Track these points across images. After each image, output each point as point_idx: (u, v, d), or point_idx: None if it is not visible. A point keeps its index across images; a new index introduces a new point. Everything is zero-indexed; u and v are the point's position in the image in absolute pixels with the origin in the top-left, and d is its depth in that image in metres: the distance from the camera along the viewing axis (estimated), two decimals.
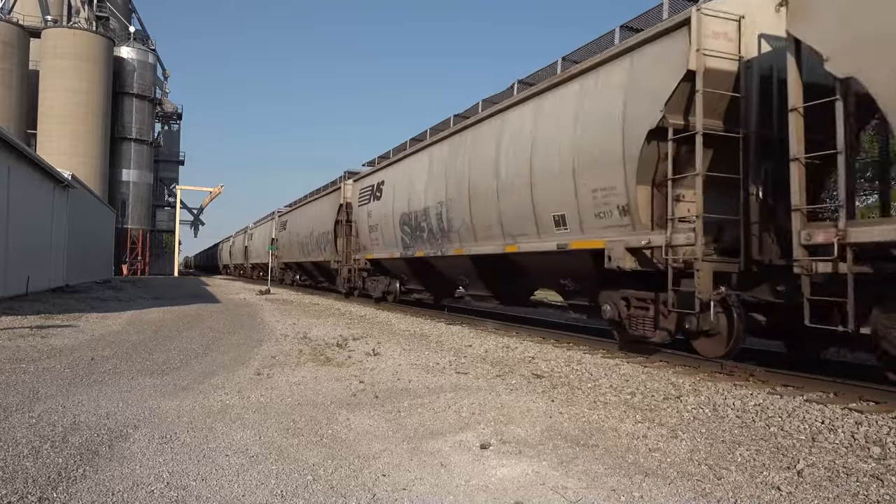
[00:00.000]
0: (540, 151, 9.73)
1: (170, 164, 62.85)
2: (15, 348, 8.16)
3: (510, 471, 3.76)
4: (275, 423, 4.76)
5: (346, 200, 20.30)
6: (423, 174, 14.07)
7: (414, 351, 8.78)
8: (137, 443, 4.18)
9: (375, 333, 10.98)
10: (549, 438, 4.47)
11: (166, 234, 61.78)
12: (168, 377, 6.58)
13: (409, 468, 3.80)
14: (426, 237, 13.93)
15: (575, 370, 7.33)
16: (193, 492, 3.35)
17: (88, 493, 3.31)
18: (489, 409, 5.30)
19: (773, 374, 6.90)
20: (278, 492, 3.38)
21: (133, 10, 60.33)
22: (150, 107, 55.93)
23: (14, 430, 4.35)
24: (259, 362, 7.61)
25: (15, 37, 46.42)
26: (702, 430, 4.73)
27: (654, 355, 8.45)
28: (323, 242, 23.08)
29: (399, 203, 15.46)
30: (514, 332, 11.30)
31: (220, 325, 12.01)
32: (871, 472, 3.77)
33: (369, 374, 6.89)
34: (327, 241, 22.33)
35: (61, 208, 21.69)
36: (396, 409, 5.31)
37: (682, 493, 3.42)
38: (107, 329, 10.93)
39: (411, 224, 14.65)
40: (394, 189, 15.95)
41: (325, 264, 23.38)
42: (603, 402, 5.71)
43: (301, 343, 9.53)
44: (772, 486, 3.53)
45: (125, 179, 53.41)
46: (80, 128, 47.07)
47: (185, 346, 9.01)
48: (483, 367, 7.50)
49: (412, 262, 15.41)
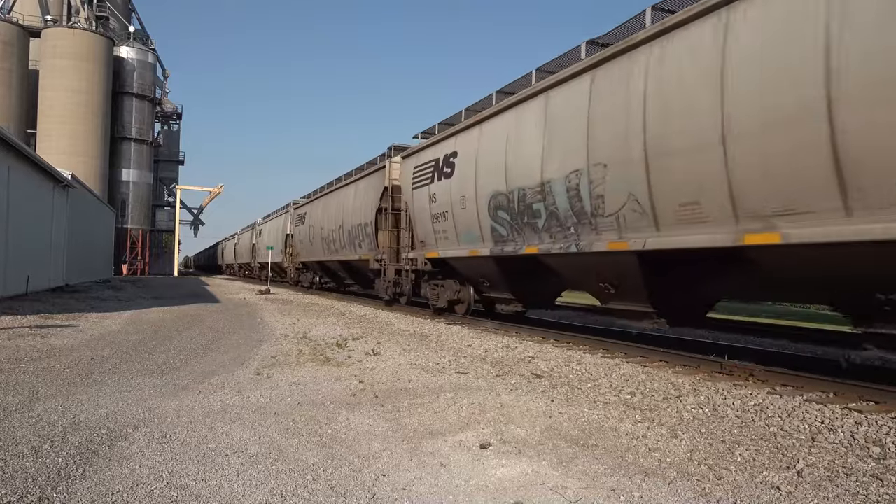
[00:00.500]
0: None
1: (170, 163, 62.82)
2: (15, 348, 8.16)
3: (510, 471, 3.76)
4: (274, 423, 4.76)
5: (392, 183, 16.17)
6: (536, 132, 9.68)
7: (414, 351, 8.78)
8: (137, 442, 4.18)
9: (375, 333, 10.98)
10: (549, 438, 4.47)
11: (166, 234, 61.77)
12: (168, 377, 6.58)
13: (408, 468, 3.80)
14: (544, 225, 9.64)
15: (575, 370, 7.33)
16: (193, 491, 3.35)
17: (88, 492, 3.31)
18: (489, 408, 5.30)
19: (772, 374, 6.91)
20: (278, 492, 3.38)
21: (133, 9, 60.34)
22: (149, 107, 55.92)
23: (14, 430, 4.35)
24: (259, 362, 7.61)
25: (15, 36, 46.40)
26: (701, 430, 4.73)
27: (654, 355, 8.45)
28: (357, 237, 19.10)
29: (487, 179, 11.11)
30: (514, 332, 11.30)
31: (220, 325, 12.01)
32: (870, 471, 3.77)
33: (369, 374, 6.89)
34: (364, 236, 18.31)
35: (61, 208, 21.68)
36: (396, 408, 5.31)
37: (682, 493, 3.42)
38: (106, 329, 10.93)
39: (512, 207, 10.38)
40: (475, 161, 11.58)
41: (360, 264, 19.43)
42: (603, 401, 5.71)
43: (301, 343, 9.53)
44: (771, 486, 3.53)
45: (125, 179, 53.41)
46: (80, 127, 47.07)
47: (185, 345, 9.01)
48: (483, 366, 7.50)
49: (508, 263, 11.19)
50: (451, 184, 12.48)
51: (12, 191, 15.92)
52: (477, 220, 11.58)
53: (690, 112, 6.84)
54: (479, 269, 12.44)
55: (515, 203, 10.27)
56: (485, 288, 13.00)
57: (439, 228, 13.16)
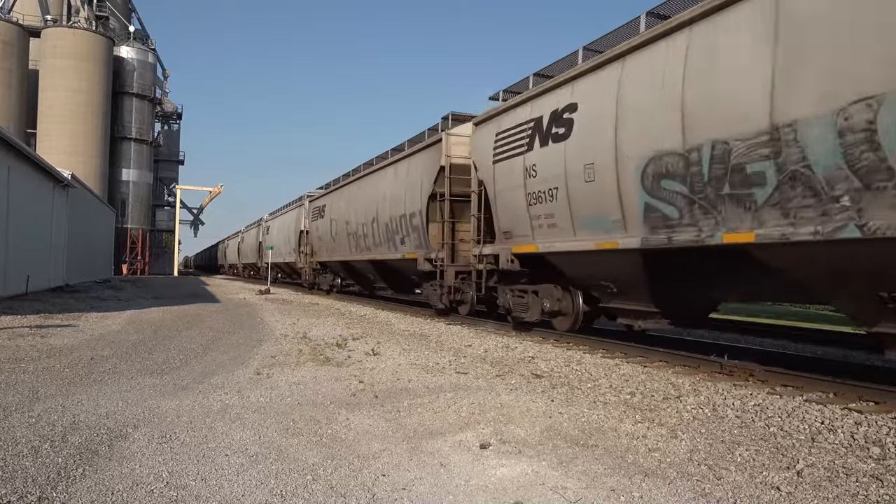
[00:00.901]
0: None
1: (170, 163, 62.84)
2: (15, 348, 8.16)
3: (510, 471, 3.76)
4: (274, 423, 4.76)
5: (452, 161, 13.06)
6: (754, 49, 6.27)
7: (413, 351, 8.78)
8: (137, 442, 4.18)
9: (375, 333, 10.98)
10: (549, 438, 4.47)
11: (166, 234, 61.79)
12: (167, 377, 6.58)
13: (408, 468, 3.80)
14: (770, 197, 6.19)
15: (574, 370, 7.33)
16: (193, 491, 3.35)
17: (88, 492, 3.31)
18: (489, 408, 5.29)
19: (772, 374, 6.91)
20: (278, 491, 3.38)
21: (133, 9, 60.36)
22: (149, 106, 55.93)
23: (14, 430, 4.35)
24: (259, 362, 7.61)
25: (15, 36, 46.41)
26: (701, 431, 4.73)
27: (654, 355, 8.45)
28: (399, 231, 15.74)
29: (639, 135, 7.72)
30: (514, 332, 11.30)
31: (220, 325, 12.01)
32: (870, 472, 3.77)
33: (369, 374, 6.89)
34: (410, 230, 15.03)
35: (61, 208, 21.69)
36: (396, 408, 5.31)
37: (682, 494, 3.42)
38: (106, 329, 10.93)
39: (695, 173, 6.96)
40: (613, 111, 8.10)
41: (401, 264, 16.28)
42: (602, 402, 5.71)
43: (301, 343, 9.53)
44: (771, 487, 3.53)
45: (125, 179, 53.42)
46: (80, 127, 47.08)
47: (185, 345, 9.01)
48: (483, 366, 7.50)
49: (666, 259, 7.81)
50: (566, 148, 9.02)
51: (12, 191, 15.92)
52: (616, 197, 8.09)
53: None
54: (604, 268, 8.86)
55: (704, 166, 6.86)
56: (608, 295, 9.30)
57: (540, 213, 9.79)
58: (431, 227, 13.85)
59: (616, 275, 8.83)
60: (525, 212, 10.24)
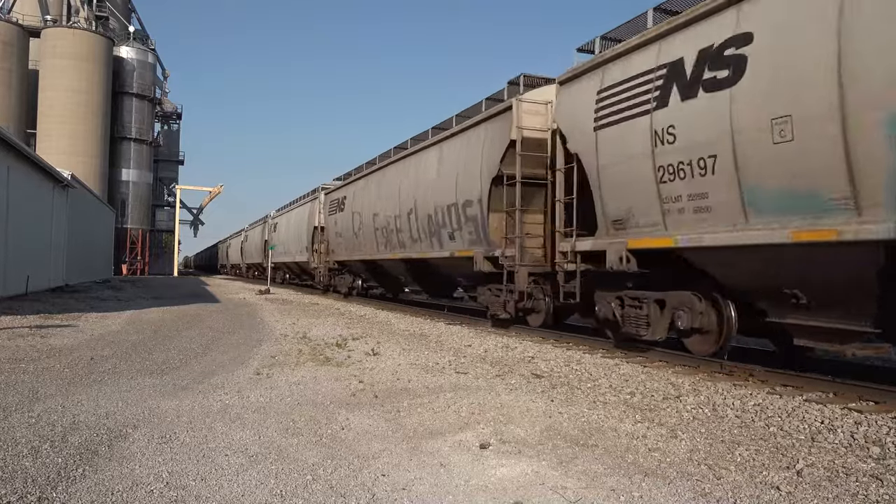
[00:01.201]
0: None
1: (169, 163, 62.82)
2: (14, 348, 8.15)
3: (510, 471, 3.76)
4: (274, 423, 4.76)
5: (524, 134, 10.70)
6: None
7: (413, 351, 8.78)
8: (137, 442, 4.18)
9: (375, 333, 10.98)
10: (549, 438, 4.47)
11: (166, 234, 61.78)
12: (167, 377, 6.58)
13: (408, 468, 3.80)
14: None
15: (574, 370, 7.33)
16: (193, 491, 3.35)
17: (88, 492, 3.31)
18: (489, 408, 5.29)
19: (772, 374, 6.91)
20: (278, 491, 3.38)
21: (133, 9, 60.34)
22: (149, 106, 55.93)
23: (13, 430, 4.35)
24: (258, 362, 7.61)
25: (14, 36, 46.40)
26: (701, 430, 4.73)
27: (654, 355, 8.45)
28: (449, 224, 12.96)
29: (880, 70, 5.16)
30: (514, 332, 11.30)
31: (220, 325, 12.01)
32: (870, 472, 3.77)
33: (369, 374, 6.89)
34: (465, 221, 12.30)
35: (61, 208, 21.69)
36: (396, 408, 5.31)
37: (682, 493, 3.42)
38: (106, 329, 10.93)
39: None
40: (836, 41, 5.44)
41: (449, 263, 13.55)
42: (602, 401, 5.71)
43: (300, 343, 9.53)
44: (771, 486, 3.53)
45: (125, 179, 53.41)
46: (80, 127, 47.06)
47: (185, 345, 9.01)
48: (483, 366, 7.50)
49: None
50: (732, 98, 6.41)
51: (12, 191, 15.92)
52: (842, 164, 5.44)
53: None
54: (798, 269, 6.14)
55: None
56: (788, 308, 6.43)
57: (680, 192, 7.20)
58: (492, 217, 11.37)
59: (819, 279, 6.04)
60: (653, 192, 7.55)
